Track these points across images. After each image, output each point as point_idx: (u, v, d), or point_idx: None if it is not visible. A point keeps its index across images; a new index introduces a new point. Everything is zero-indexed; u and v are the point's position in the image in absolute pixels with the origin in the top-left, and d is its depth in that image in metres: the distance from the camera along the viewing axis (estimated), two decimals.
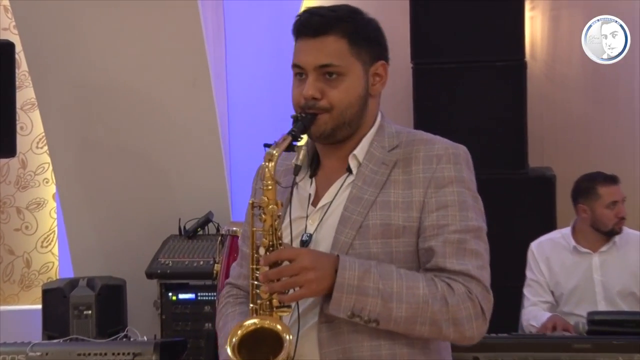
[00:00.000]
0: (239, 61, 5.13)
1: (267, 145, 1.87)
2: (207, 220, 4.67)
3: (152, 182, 4.81)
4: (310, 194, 2.00)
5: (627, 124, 5.03)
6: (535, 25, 5.05)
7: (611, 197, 4.13)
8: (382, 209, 1.92)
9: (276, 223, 1.85)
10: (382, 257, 1.90)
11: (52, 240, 5.53)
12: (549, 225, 4.50)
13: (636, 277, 4.12)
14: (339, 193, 1.97)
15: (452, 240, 1.89)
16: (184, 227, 4.66)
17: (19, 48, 4.69)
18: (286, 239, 1.92)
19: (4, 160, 5.36)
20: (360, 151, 1.99)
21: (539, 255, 4.18)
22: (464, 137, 2.20)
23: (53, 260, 5.52)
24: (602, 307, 4.09)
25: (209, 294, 4.29)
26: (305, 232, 1.96)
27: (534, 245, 4.21)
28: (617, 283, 4.14)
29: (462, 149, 1.98)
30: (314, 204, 1.99)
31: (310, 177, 2.03)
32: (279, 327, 1.84)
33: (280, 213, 1.86)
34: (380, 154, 1.98)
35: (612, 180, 4.18)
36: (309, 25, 1.94)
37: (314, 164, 2.04)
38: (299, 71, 1.96)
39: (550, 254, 4.18)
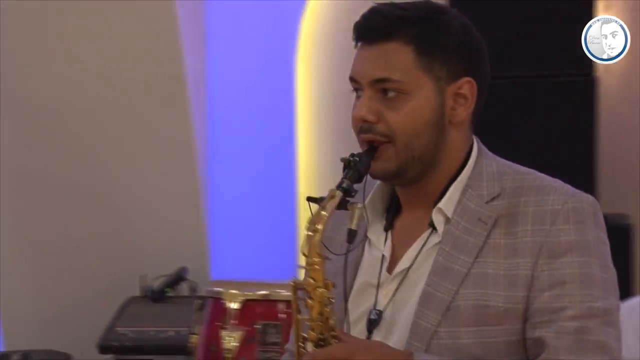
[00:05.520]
0: (223, 75, 5.04)
1: (312, 200, 1.80)
2: (179, 277, 4.59)
3: (109, 228, 4.75)
4: (384, 255, 1.88)
5: None
6: None
7: None
8: (477, 285, 1.79)
9: (327, 310, 1.77)
10: (476, 350, 1.78)
11: None
12: (625, 286, 4.18)
13: None
14: (420, 257, 1.85)
15: (568, 329, 1.76)
16: (149, 287, 4.56)
17: None
18: (354, 313, 1.87)
19: None
20: (448, 202, 1.85)
21: (629, 321, 3.75)
22: None
23: None
24: None
25: None
26: (374, 307, 1.85)
27: (622, 308, 4.05)
28: None
29: (586, 201, 1.82)
30: (390, 269, 1.87)
31: (385, 229, 1.90)
32: None
33: (332, 296, 1.78)
34: (476, 206, 1.84)
35: None
36: (368, 28, 1.85)
37: (392, 211, 1.91)
38: (355, 86, 1.87)
39: None
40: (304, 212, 5.28)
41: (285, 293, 3.49)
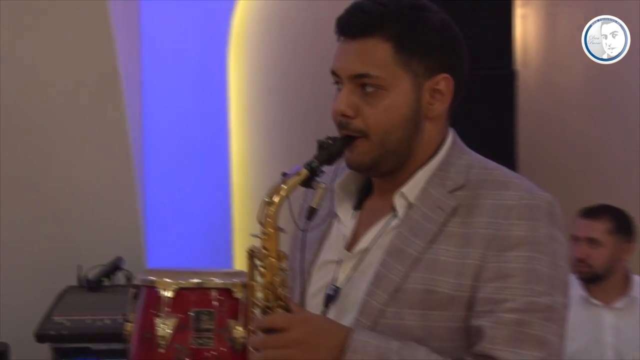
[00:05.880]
0: (157, 71, 5.00)
1: (285, 176, 1.80)
2: (114, 267, 4.55)
3: (43, 218, 4.67)
4: (344, 235, 1.90)
5: (637, 145, 4.93)
6: (527, 26, 5.01)
7: (573, 230, 3.90)
8: (427, 270, 1.79)
9: (277, 279, 1.79)
10: (419, 332, 1.78)
11: None
12: None
13: None
14: (380, 238, 1.85)
15: (507, 320, 1.74)
16: (85, 277, 4.51)
17: None
18: (314, 286, 1.90)
19: None
20: (412, 188, 1.85)
21: None
22: None
23: None
24: None
25: None
26: (332, 283, 1.87)
27: None
28: (635, 349, 3.89)
29: (542, 199, 1.80)
30: (350, 247, 1.89)
31: (354, 209, 1.92)
32: None
33: (283, 267, 1.81)
34: (438, 194, 1.84)
35: (587, 212, 3.97)
36: (349, 24, 1.84)
37: (364, 192, 1.93)
38: (336, 79, 1.87)
39: None
40: (238, 203, 5.32)
41: (218, 281, 3.51)
